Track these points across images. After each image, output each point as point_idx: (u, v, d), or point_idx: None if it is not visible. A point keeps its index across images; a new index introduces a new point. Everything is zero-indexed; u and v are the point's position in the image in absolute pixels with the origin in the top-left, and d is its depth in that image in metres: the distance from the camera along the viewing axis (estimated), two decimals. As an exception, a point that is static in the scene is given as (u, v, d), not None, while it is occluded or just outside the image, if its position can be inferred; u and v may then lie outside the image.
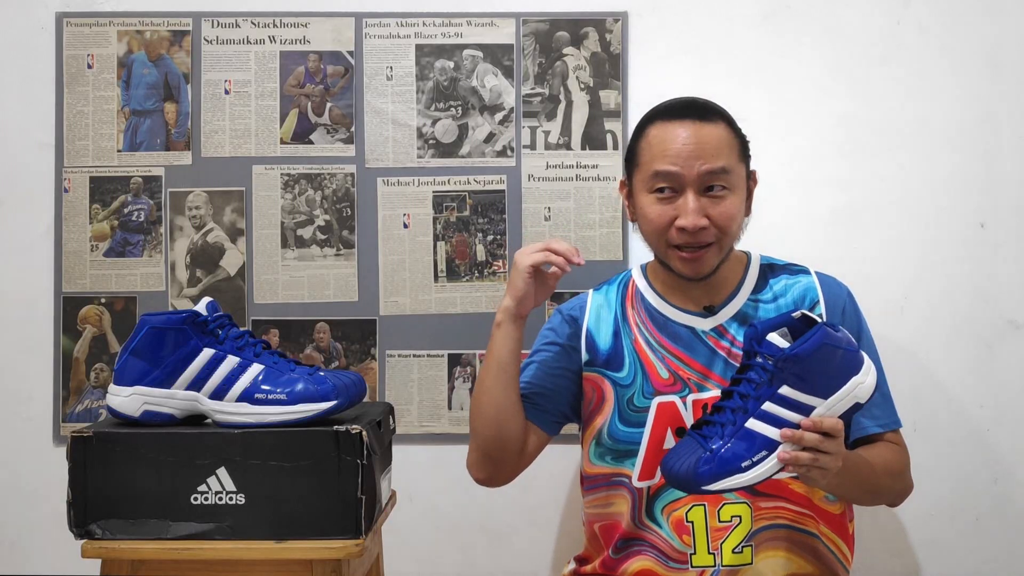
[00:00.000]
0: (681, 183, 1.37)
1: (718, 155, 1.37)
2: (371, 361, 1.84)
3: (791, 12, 1.85)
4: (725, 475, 1.22)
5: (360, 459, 1.26)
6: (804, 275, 1.48)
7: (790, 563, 1.39)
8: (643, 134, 1.43)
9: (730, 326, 1.43)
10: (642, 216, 1.43)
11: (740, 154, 1.42)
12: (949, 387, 1.83)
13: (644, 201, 1.41)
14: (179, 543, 1.26)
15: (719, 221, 1.37)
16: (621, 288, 1.53)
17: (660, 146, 1.39)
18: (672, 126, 1.39)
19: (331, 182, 1.85)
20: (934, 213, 1.83)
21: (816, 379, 1.22)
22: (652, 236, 1.42)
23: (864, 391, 1.24)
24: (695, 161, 1.36)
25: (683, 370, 1.43)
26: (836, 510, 1.42)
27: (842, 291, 1.48)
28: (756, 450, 1.22)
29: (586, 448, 1.48)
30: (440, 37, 1.85)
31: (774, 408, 1.22)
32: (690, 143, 1.37)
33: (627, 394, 1.44)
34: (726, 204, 1.38)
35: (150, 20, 1.85)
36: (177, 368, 1.29)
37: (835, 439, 1.21)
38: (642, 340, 1.46)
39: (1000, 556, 1.83)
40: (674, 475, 1.26)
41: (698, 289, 1.45)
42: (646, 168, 1.40)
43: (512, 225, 1.84)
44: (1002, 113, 1.83)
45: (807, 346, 1.20)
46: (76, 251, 1.83)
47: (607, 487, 1.46)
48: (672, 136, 1.38)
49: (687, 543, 1.39)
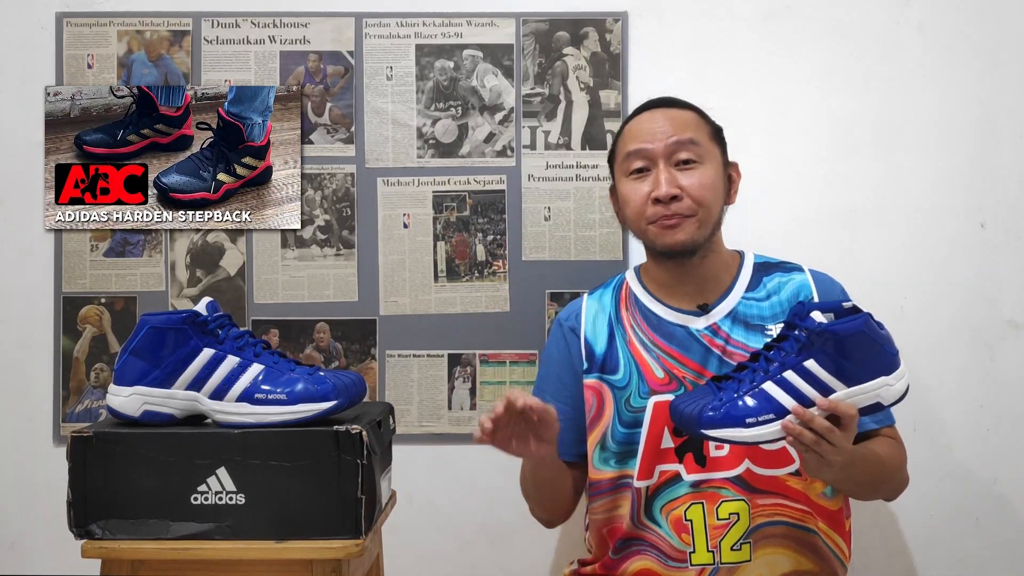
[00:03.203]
0: (652, 157, 1.42)
1: (685, 128, 1.43)
2: (371, 361, 1.84)
3: (791, 12, 1.85)
4: (726, 425, 1.24)
5: (360, 459, 1.26)
6: (798, 272, 1.48)
7: (789, 560, 1.39)
8: (621, 133, 1.51)
9: (724, 324, 1.43)
10: (623, 201, 1.47)
11: (711, 135, 1.46)
12: (949, 387, 1.83)
13: (623, 186, 1.47)
14: (179, 543, 1.26)
15: (692, 191, 1.40)
16: (615, 291, 1.53)
17: (633, 132, 1.47)
18: (644, 116, 1.48)
19: (331, 182, 1.85)
20: (934, 213, 1.83)
21: (845, 364, 1.22)
22: (632, 217, 1.45)
23: (890, 394, 1.24)
24: (663, 134, 1.42)
25: (678, 369, 1.43)
26: (833, 506, 1.42)
27: (835, 288, 1.48)
28: (764, 411, 1.23)
29: (591, 454, 1.48)
30: (440, 37, 1.85)
31: (795, 378, 1.23)
32: (659, 120, 1.45)
33: (624, 395, 1.44)
34: (698, 174, 1.41)
35: (150, 20, 1.85)
36: (177, 368, 1.29)
37: (845, 431, 1.21)
38: (636, 341, 1.46)
39: (1000, 556, 1.83)
40: (679, 414, 1.29)
41: (690, 285, 1.46)
42: (621, 155, 1.47)
43: (512, 225, 1.84)
44: (1002, 113, 1.83)
45: (846, 327, 1.21)
46: (76, 251, 1.83)
47: (613, 491, 1.46)
48: (642, 120, 1.47)
49: (686, 542, 1.39)
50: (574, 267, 1.83)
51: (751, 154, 1.81)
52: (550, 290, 1.83)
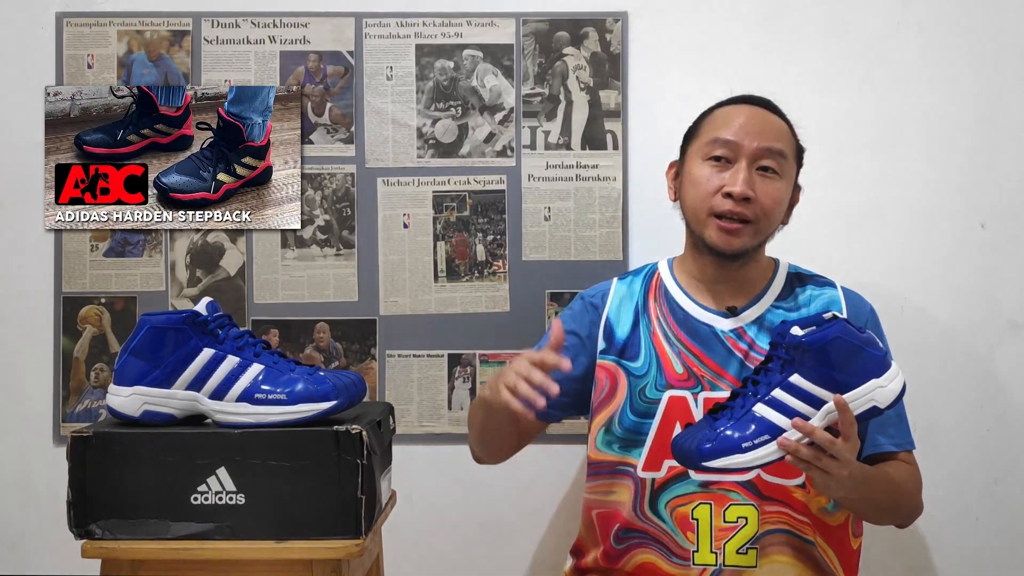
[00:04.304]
0: (737, 153, 1.40)
1: (778, 138, 1.42)
2: (371, 361, 1.84)
3: (791, 12, 1.85)
4: (724, 454, 1.23)
5: (360, 459, 1.26)
6: (830, 288, 1.49)
7: (794, 570, 1.38)
8: (710, 114, 1.48)
9: (750, 329, 1.43)
10: (690, 182, 1.44)
11: (795, 153, 1.46)
12: (949, 387, 1.83)
13: (695, 168, 1.43)
14: (179, 543, 1.26)
15: (764, 201, 1.40)
16: (646, 280, 1.53)
17: (724, 119, 1.44)
18: (740, 107, 1.45)
19: (331, 182, 1.85)
20: (934, 213, 1.83)
21: (830, 373, 1.21)
22: (696, 201, 1.43)
23: (884, 396, 1.23)
24: (756, 136, 1.41)
25: (698, 367, 1.43)
26: (834, 522, 1.41)
27: (865, 307, 1.49)
28: (759, 434, 1.23)
29: (594, 434, 1.48)
30: (440, 37, 1.85)
31: (784, 396, 1.23)
32: (755, 120, 1.43)
33: (640, 384, 1.44)
34: (775, 186, 1.41)
35: (150, 20, 1.84)
36: (177, 368, 1.29)
37: (846, 442, 1.20)
38: (660, 332, 1.46)
39: (1000, 556, 1.83)
40: (678, 448, 1.29)
41: (723, 286, 1.46)
42: (705, 136, 1.44)
43: (512, 225, 1.84)
44: (1002, 113, 1.83)
45: (819, 336, 1.21)
46: (76, 251, 1.83)
47: (610, 475, 1.45)
48: (738, 113, 1.44)
49: (691, 540, 1.39)
50: (574, 267, 1.83)
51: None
52: (550, 290, 1.83)
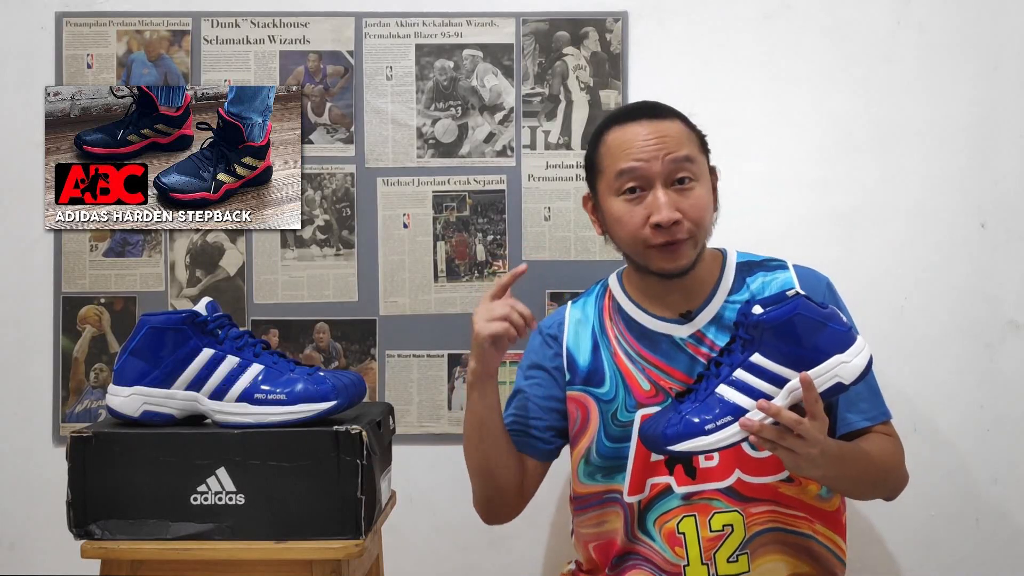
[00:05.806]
0: (649, 178, 1.35)
1: (680, 145, 1.36)
2: (371, 361, 1.84)
3: (791, 12, 1.85)
4: (688, 437, 1.23)
5: (360, 459, 1.26)
6: (782, 270, 1.44)
7: (786, 566, 1.37)
8: (600, 141, 1.41)
9: (708, 331, 1.40)
10: (614, 222, 1.39)
11: (700, 146, 1.40)
12: (949, 387, 1.83)
13: (613, 206, 1.38)
14: (179, 543, 1.26)
15: (691, 214, 1.34)
16: (598, 299, 1.50)
17: (621, 147, 1.37)
18: (629, 127, 1.38)
19: (331, 182, 1.85)
20: (934, 213, 1.83)
21: (792, 350, 1.20)
22: (627, 240, 1.38)
23: (849, 371, 1.21)
24: (659, 153, 1.34)
25: (664, 380, 1.40)
26: (831, 507, 1.40)
27: (820, 281, 1.44)
28: (722, 415, 1.22)
29: (575, 468, 1.46)
30: (440, 37, 1.85)
31: (745, 376, 1.22)
32: (651, 138, 1.35)
33: (610, 409, 1.42)
34: (696, 195, 1.36)
35: (150, 20, 1.85)
36: (177, 368, 1.29)
37: (815, 422, 1.18)
38: (621, 352, 1.43)
39: (1000, 556, 1.83)
40: (644, 435, 1.29)
41: (675, 295, 1.41)
42: (610, 171, 1.37)
43: (512, 225, 1.84)
44: (1002, 113, 1.83)
45: (776, 313, 1.20)
46: (76, 251, 1.83)
47: (599, 505, 1.44)
48: (632, 135, 1.36)
49: (680, 555, 1.37)
50: (574, 267, 1.83)
51: (750, 154, 1.82)
52: (550, 290, 1.83)
